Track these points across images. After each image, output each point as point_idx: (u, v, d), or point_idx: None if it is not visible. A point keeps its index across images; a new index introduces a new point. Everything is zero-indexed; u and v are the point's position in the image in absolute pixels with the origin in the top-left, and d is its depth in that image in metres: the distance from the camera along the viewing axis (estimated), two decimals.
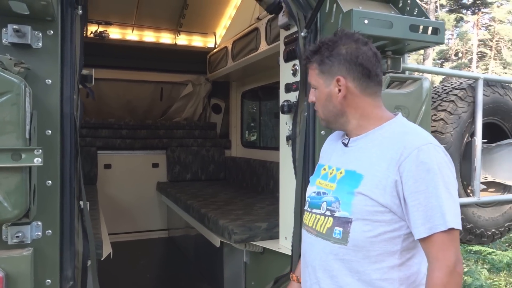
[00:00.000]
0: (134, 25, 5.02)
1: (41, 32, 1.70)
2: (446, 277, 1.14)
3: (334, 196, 1.31)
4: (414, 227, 1.19)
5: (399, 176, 1.20)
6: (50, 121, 1.71)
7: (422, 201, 1.17)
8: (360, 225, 1.23)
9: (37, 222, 1.67)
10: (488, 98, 2.72)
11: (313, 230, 1.36)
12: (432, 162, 1.19)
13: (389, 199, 1.21)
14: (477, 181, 2.62)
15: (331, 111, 1.37)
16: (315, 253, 1.35)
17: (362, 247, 1.24)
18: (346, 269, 1.26)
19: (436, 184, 1.17)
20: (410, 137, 1.26)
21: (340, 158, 1.40)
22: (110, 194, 4.99)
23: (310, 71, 1.41)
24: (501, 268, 4.91)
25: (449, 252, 1.16)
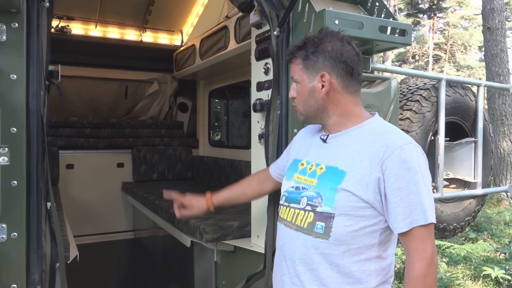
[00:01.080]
0: (98, 20, 4.86)
1: (5, 24, 1.62)
2: (426, 268, 1.21)
3: (316, 192, 1.33)
4: (395, 222, 1.25)
5: (382, 173, 1.24)
6: (15, 118, 1.63)
7: (403, 198, 1.23)
8: (342, 220, 1.27)
9: (1, 224, 1.59)
10: (450, 98, 2.85)
11: (293, 224, 1.38)
12: (413, 161, 1.25)
13: (371, 195, 1.26)
14: (440, 177, 2.73)
15: (312, 106, 1.40)
16: (294, 247, 1.37)
17: (343, 241, 1.27)
18: (327, 263, 1.30)
19: (416, 181, 1.23)
20: (391, 136, 1.31)
21: (318, 153, 1.42)
22: (73, 195, 4.81)
23: (294, 66, 1.42)
24: (458, 261, 5.14)
25: (427, 245, 1.23)
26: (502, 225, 6.94)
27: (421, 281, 1.21)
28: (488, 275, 4.47)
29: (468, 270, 4.82)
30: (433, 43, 29.24)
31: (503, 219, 7.19)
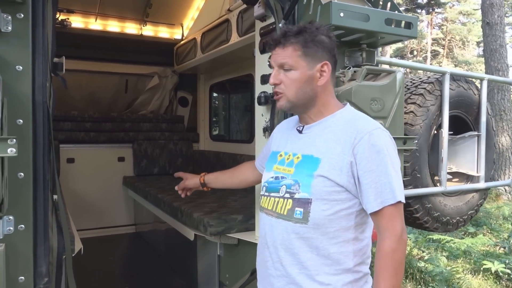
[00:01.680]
0: (98, 14, 4.83)
1: (10, 15, 1.60)
2: (395, 244, 1.30)
3: (294, 179, 1.41)
4: (367, 203, 1.33)
5: (353, 157, 1.33)
6: (22, 110, 1.62)
7: (373, 179, 1.31)
8: (319, 204, 1.35)
9: (8, 216, 1.58)
10: (454, 92, 2.84)
11: (273, 212, 1.45)
12: (382, 144, 1.34)
13: (345, 179, 1.34)
14: (444, 171, 2.73)
15: (307, 94, 1.42)
16: (276, 234, 1.43)
17: (321, 225, 1.35)
18: (307, 246, 1.37)
19: (385, 163, 1.32)
20: (361, 122, 1.40)
21: (295, 144, 1.49)
22: (74, 189, 4.80)
23: (289, 51, 1.40)
24: (458, 255, 5.17)
25: (396, 222, 1.33)
26: (501, 220, 6.98)
27: (390, 255, 1.29)
28: (488, 269, 4.50)
29: (468, 264, 4.85)
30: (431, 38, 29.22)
31: (502, 213, 7.23)
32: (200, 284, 3.15)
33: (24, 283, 1.61)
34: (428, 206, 2.73)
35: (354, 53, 2.33)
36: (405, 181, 2.55)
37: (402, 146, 2.28)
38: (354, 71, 2.16)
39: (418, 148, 2.62)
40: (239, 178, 1.99)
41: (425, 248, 5.41)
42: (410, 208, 2.69)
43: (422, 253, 5.21)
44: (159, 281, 3.61)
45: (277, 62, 1.42)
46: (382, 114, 2.19)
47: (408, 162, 2.58)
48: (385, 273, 1.29)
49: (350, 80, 2.14)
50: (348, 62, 2.32)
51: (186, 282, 3.45)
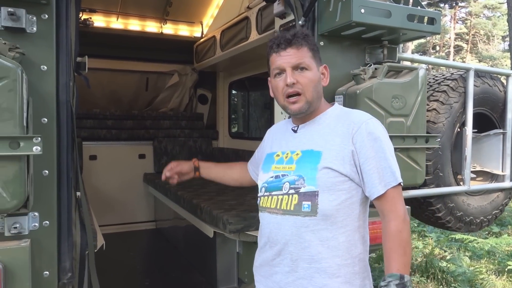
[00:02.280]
0: (119, 13, 4.89)
1: (35, 16, 1.63)
2: (400, 225, 1.36)
3: (297, 175, 1.43)
4: (372, 187, 1.39)
5: (354, 146, 1.39)
6: (46, 108, 1.65)
7: (375, 165, 1.38)
8: (326, 195, 1.39)
9: (34, 213, 1.62)
10: (478, 89, 2.78)
11: (278, 210, 1.47)
12: (378, 132, 1.42)
13: (348, 168, 1.39)
14: (467, 170, 2.67)
15: (319, 93, 1.50)
16: (284, 230, 1.44)
17: (329, 215, 1.39)
18: (317, 239, 1.40)
19: (383, 149, 1.40)
20: (355, 114, 1.49)
21: (291, 143, 1.53)
22: (96, 185, 4.89)
23: (304, 52, 1.45)
24: (481, 255, 5.06)
25: (399, 205, 1.39)
26: None
27: (397, 236, 1.35)
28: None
29: (492, 265, 4.74)
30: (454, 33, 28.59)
31: None
32: (219, 280, 3.17)
33: (48, 278, 1.65)
34: (450, 206, 2.68)
35: (375, 50, 2.30)
36: (427, 179, 2.51)
37: (424, 145, 2.24)
38: (375, 68, 2.14)
39: (441, 146, 2.57)
40: (231, 176, 1.97)
41: (447, 248, 5.32)
42: (432, 207, 2.64)
43: (444, 253, 5.12)
44: (178, 277, 3.65)
45: (292, 62, 1.43)
46: (404, 112, 2.16)
47: (430, 160, 2.53)
48: (395, 253, 1.34)
49: (371, 77, 2.11)
50: (368, 59, 2.29)
51: (205, 278, 3.48)
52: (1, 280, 1.46)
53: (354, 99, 2.04)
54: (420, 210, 2.73)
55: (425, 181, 2.43)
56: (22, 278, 1.53)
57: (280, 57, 1.44)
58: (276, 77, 1.47)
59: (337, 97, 2.15)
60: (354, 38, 2.22)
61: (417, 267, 4.50)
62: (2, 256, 1.49)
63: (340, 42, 2.22)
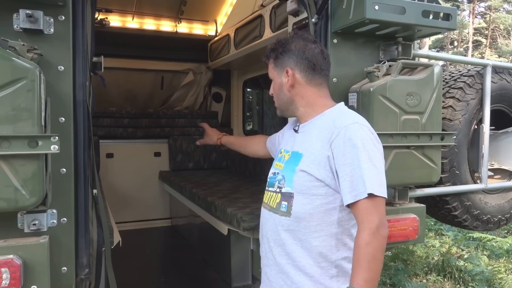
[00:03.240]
0: (135, 12, 4.95)
1: (52, 17, 1.67)
2: (369, 237, 1.29)
3: (282, 175, 1.53)
4: (344, 195, 1.38)
5: (331, 152, 1.39)
6: (63, 108, 1.69)
7: (348, 172, 1.36)
8: (300, 198, 1.43)
9: (52, 210, 1.66)
10: (496, 85, 2.73)
11: (268, 206, 1.57)
12: (357, 138, 1.37)
13: (323, 173, 1.40)
14: (484, 168, 2.63)
15: (282, 99, 1.58)
16: (268, 226, 1.55)
17: (302, 218, 1.43)
18: (292, 238, 1.46)
19: (359, 157, 1.35)
20: (342, 118, 1.46)
21: (291, 142, 1.61)
22: (113, 183, 4.97)
23: (269, 66, 1.63)
24: (500, 254, 4.97)
25: (372, 216, 1.32)
26: None
27: (363, 249, 1.28)
28: None
29: (511, 264, 4.65)
30: (473, 28, 28.03)
31: None
32: (233, 277, 3.20)
33: (66, 274, 1.69)
34: (467, 204, 2.64)
35: (389, 47, 2.28)
36: (443, 177, 2.48)
37: (440, 142, 2.21)
38: (389, 65, 2.12)
39: (457, 144, 2.54)
40: (250, 148, 2.16)
41: (465, 247, 5.24)
42: (448, 205, 2.61)
43: (462, 252, 5.05)
44: (193, 274, 3.69)
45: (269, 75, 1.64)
46: (419, 109, 2.14)
47: (446, 158, 2.50)
48: (359, 267, 1.28)
49: (385, 74, 2.10)
50: (383, 56, 2.27)
51: (220, 275, 3.51)
52: (21, 275, 1.50)
53: (368, 97, 2.03)
54: (436, 209, 2.70)
55: (441, 179, 2.40)
56: (41, 273, 1.56)
57: None
58: None
59: (350, 95, 2.14)
60: (368, 35, 2.21)
61: (434, 266, 4.45)
62: (22, 252, 1.53)
63: (353, 40, 2.21)
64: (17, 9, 1.59)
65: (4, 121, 1.41)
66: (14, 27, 1.61)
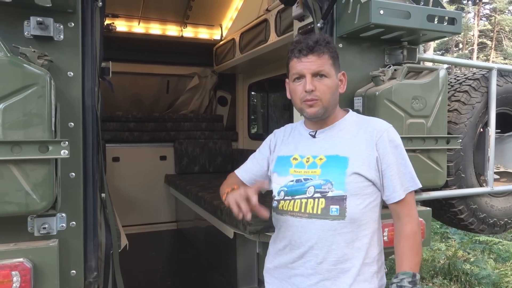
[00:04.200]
0: (141, 17, 4.99)
1: (62, 24, 1.69)
2: (416, 227, 1.48)
3: (324, 179, 1.46)
4: (394, 192, 1.47)
5: (377, 153, 1.46)
6: (72, 113, 1.71)
7: (396, 171, 1.47)
8: (353, 200, 1.44)
9: (61, 213, 1.68)
10: (501, 88, 2.73)
11: (303, 213, 1.48)
12: (397, 139, 1.51)
13: (373, 173, 1.46)
14: (490, 171, 2.63)
15: (335, 100, 1.52)
16: (310, 234, 1.46)
17: (356, 218, 1.45)
18: (343, 241, 1.45)
19: (403, 156, 1.50)
20: (374, 121, 1.54)
21: (311, 147, 1.55)
22: (119, 187, 5.00)
23: (325, 59, 1.46)
24: (507, 258, 4.94)
25: (414, 208, 1.50)
26: None
27: (413, 237, 1.46)
28: None
29: None
30: (478, 30, 27.95)
31: None
32: (239, 281, 3.21)
33: (75, 277, 1.71)
34: (473, 207, 2.64)
35: (394, 51, 2.29)
36: (448, 181, 2.48)
37: (445, 146, 2.22)
38: (395, 69, 2.13)
39: (463, 147, 2.54)
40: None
41: (471, 250, 5.22)
42: (454, 209, 2.61)
43: (468, 255, 5.02)
44: (199, 277, 3.70)
45: (312, 69, 1.45)
46: (424, 113, 2.15)
47: (452, 161, 2.51)
48: (410, 253, 1.44)
49: (390, 78, 2.11)
50: (388, 60, 2.29)
51: (226, 279, 3.51)
52: (31, 278, 1.53)
53: (374, 101, 2.04)
54: (442, 212, 2.70)
55: (447, 182, 2.41)
56: (51, 276, 1.59)
57: (300, 63, 1.46)
58: (295, 81, 1.49)
59: (356, 99, 2.15)
60: (373, 40, 2.22)
61: (440, 269, 4.43)
62: (32, 256, 1.56)
63: (359, 44, 2.22)
64: (28, 17, 1.62)
65: (16, 126, 1.44)
66: (25, 34, 1.63)
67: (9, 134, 1.43)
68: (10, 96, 1.43)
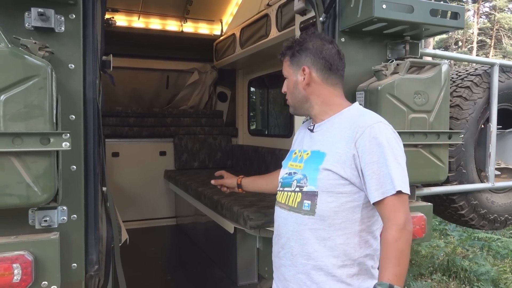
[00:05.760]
0: (141, 12, 4.96)
1: (63, 16, 1.68)
2: (397, 234, 1.33)
3: (302, 174, 1.51)
4: (370, 193, 1.39)
5: (356, 150, 1.40)
6: (73, 106, 1.70)
7: (375, 170, 1.37)
8: (325, 197, 1.43)
9: (62, 206, 1.67)
10: (503, 84, 2.73)
11: (286, 205, 1.56)
12: (382, 137, 1.39)
13: (349, 171, 1.41)
14: (491, 167, 2.63)
15: (297, 97, 1.57)
16: (288, 225, 1.53)
17: (327, 216, 1.43)
18: (314, 238, 1.45)
19: (385, 155, 1.38)
20: (363, 117, 1.47)
21: (308, 142, 1.60)
22: (118, 182, 4.99)
23: (284, 64, 1.61)
24: (505, 254, 4.95)
25: (399, 213, 1.35)
26: None
27: (392, 245, 1.32)
28: None
29: None
30: (477, 28, 27.93)
31: None
32: (239, 276, 3.21)
33: (76, 270, 1.70)
34: (474, 203, 2.64)
35: (396, 46, 2.28)
36: (450, 176, 2.48)
37: (447, 141, 2.21)
38: (397, 64, 2.12)
39: (464, 143, 2.54)
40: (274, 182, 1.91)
41: (470, 247, 5.22)
42: (454, 204, 2.61)
43: (467, 252, 5.03)
44: (199, 273, 3.70)
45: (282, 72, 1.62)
46: (426, 108, 2.14)
47: (453, 157, 2.50)
48: (388, 262, 1.32)
49: (392, 73, 2.10)
50: (390, 55, 2.28)
51: (226, 274, 3.51)
52: (32, 271, 1.52)
53: (376, 95, 2.03)
54: (443, 207, 2.70)
55: (448, 178, 2.40)
56: (52, 269, 1.58)
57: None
58: None
59: (358, 94, 2.14)
60: (375, 34, 2.21)
61: (439, 266, 4.44)
62: (33, 248, 1.55)
63: (361, 38, 2.21)
64: (28, 8, 1.60)
65: (17, 118, 1.43)
66: (26, 26, 1.62)
67: (10, 125, 1.42)
68: (11, 87, 1.42)
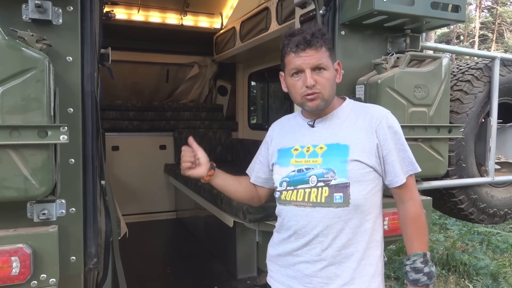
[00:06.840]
0: (140, 5, 4.93)
1: (61, 8, 1.66)
2: (420, 209, 1.53)
3: (326, 168, 1.47)
4: (396, 177, 1.51)
5: (377, 139, 1.48)
6: (71, 99, 1.69)
7: (396, 156, 1.50)
8: (356, 186, 1.46)
9: (61, 200, 1.67)
10: (504, 78, 2.71)
11: (307, 202, 1.49)
12: (396, 125, 1.52)
13: (374, 160, 1.48)
14: (491, 161, 2.62)
15: (334, 91, 1.52)
16: (315, 222, 1.48)
17: (360, 204, 1.47)
18: (348, 228, 1.47)
19: (402, 141, 1.52)
20: (373, 108, 1.56)
21: (310, 137, 1.55)
22: (118, 175, 4.99)
23: (321, 53, 1.44)
24: (505, 249, 4.96)
25: (416, 191, 1.56)
26: None
27: (418, 219, 1.51)
28: None
29: None
30: (479, 22, 27.79)
31: None
32: (239, 269, 3.22)
33: (75, 263, 1.70)
34: (473, 197, 2.64)
35: (397, 39, 2.27)
36: (449, 170, 2.47)
37: (447, 135, 2.20)
38: (397, 57, 2.11)
39: (464, 137, 2.53)
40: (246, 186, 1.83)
41: (469, 241, 5.23)
42: (454, 199, 2.61)
43: (466, 246, 5.04)
44: (199, 266, 3.71)
45: (311, 63, 1.43)
46: (426, 101, 2.13)
47: (453, 151, 2.50)
48: (417, 234, 1.51)
49: (392, 66, 2.09)
50: (390, 48, 2.26)
51: (226, 267, 3.52)
52: (31, 264, 1.52)
53: (376, 89, 2.02)
54: (442, 202, 2.69)
55: (448, 172, 2.40)
56: (51, 262, 1.58)
57: (299, 58, 1.42)
58: (294, 76, 1.46)
59: (358, 87, 2.13)
60: (376, 27, 2.19)
61: (438, 260, 4.45)
62: (32, 241, 1.55)
63: (361, 31, 2.20)
64: (26, 0, 1.59)
65: (14, 111, 1.42)
66: (23, 18, 1.60)
67: (8, 118, 1.41)
68: (8, 80, 1.41)
